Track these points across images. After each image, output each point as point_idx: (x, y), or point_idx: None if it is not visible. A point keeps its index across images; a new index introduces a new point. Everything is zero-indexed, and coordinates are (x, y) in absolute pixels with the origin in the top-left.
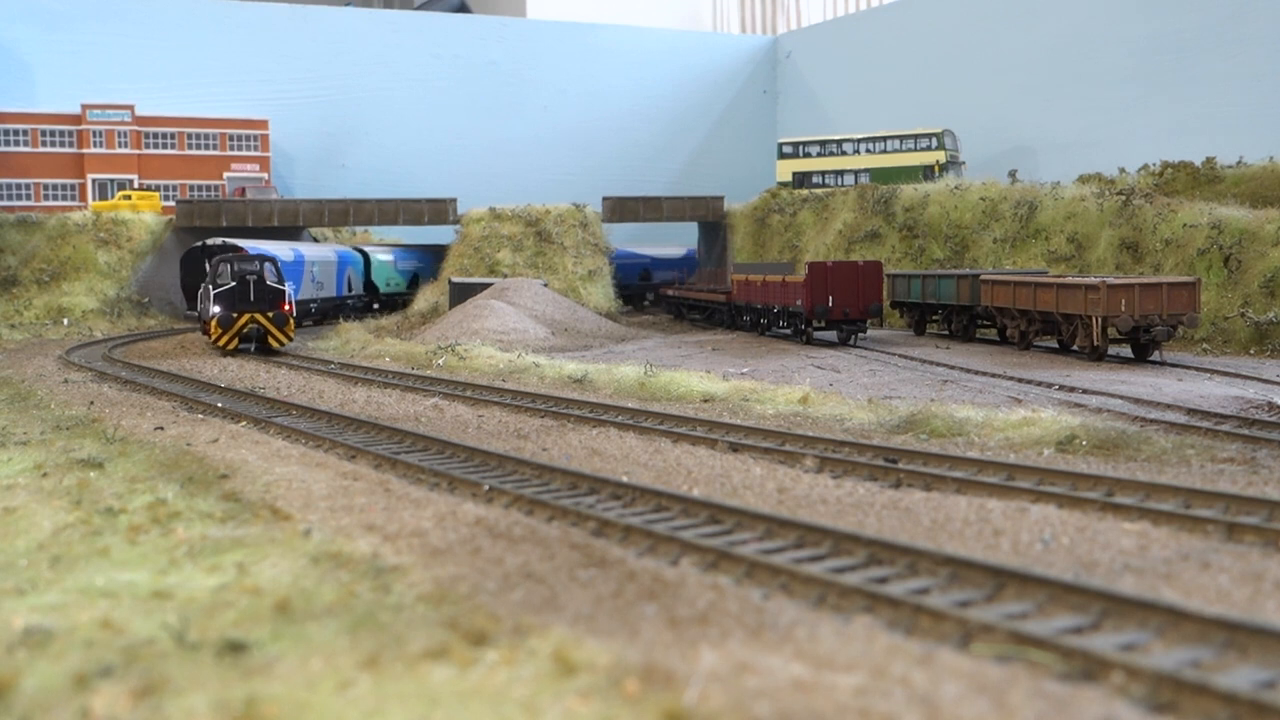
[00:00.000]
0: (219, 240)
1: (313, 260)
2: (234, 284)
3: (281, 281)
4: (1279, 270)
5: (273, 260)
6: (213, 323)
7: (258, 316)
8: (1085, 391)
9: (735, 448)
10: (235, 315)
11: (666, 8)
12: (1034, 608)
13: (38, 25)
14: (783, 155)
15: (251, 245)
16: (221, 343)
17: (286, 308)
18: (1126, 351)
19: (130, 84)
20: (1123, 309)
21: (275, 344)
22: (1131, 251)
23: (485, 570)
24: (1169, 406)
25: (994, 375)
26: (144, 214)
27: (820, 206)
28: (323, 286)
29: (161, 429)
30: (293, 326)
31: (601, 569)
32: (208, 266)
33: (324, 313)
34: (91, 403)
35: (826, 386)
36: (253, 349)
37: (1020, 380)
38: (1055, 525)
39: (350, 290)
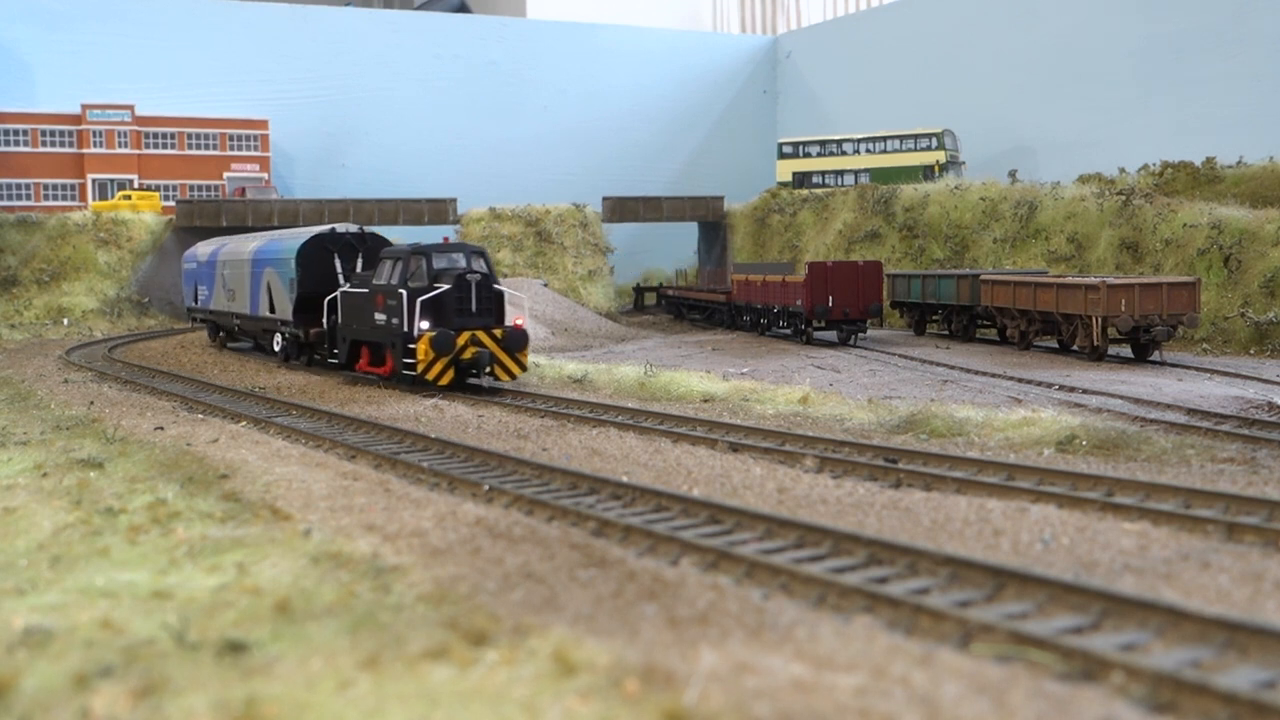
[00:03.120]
0: (347, 227)
1: None
2: (448, 287)
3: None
4: (1279, 270)
5: (482, 252)
6: (422, 346)
7: (482, 335)
8: (1085, 391)
9: (735, 448)
10: (454, 334)
11: (666, 8)
12: (1034, 608)
13: (38, 25)
14: (783, 155)
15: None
16: (432, 375)
17: (521, 322)
18: (1126, 351)
19: (130, 84)
20: (1123, 309)
21: (505, 376)
22: (1131, 251)
23: (485, 570)
24: (1169, 406)
25: (994, 375)
26: (144, 214)
27: (820, 206)
28: None
29: (161, 429)
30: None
31: (601, 569)
32: (351, 262)
33: None
34: (91, 403)
35: (826, 386)
36: (483, 380)
37: (1020, 380)
38: (1055, 525)
39: None
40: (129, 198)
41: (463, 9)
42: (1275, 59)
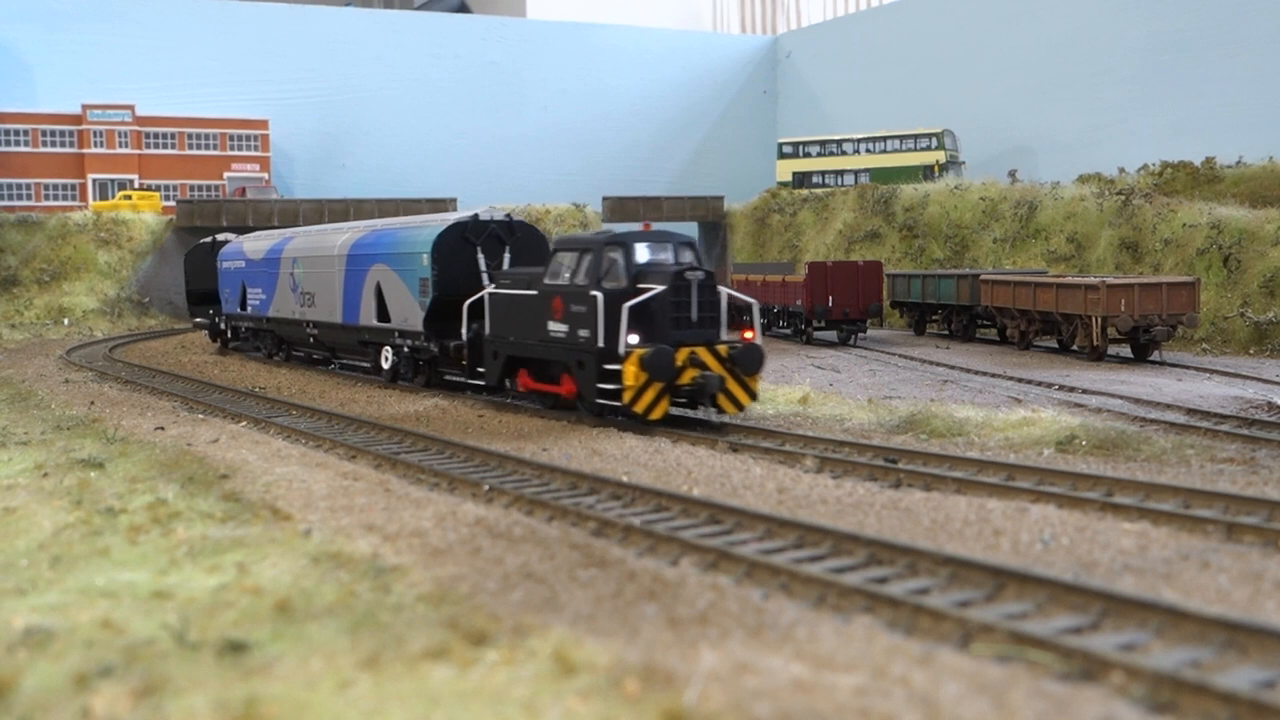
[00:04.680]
0: (491, 213)
1: None
2: (662, 289)
3: None
4: (1278, 270)
5: (692, 243)
6: (630, 368)
7: (704, 353)
8: (1085, 391)
9: (735, 448)
10: (673, 352)
11: (666, 8)
12: (1034, 608)
13: (38, 25)
14: (783, 155)
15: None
16: (641, 405)
17: (751, 334)
18: (1126, 351)
19: (131, 84)
20: (1122, 309)
21: (732, 408)
22: (1131, 251)
23: (485, 570)
24: (1168, 406)
25: (994, 375)
26: (144, 214)
27: (820, 206)
28: None
29: (162, 429)
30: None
31: (601, 569)
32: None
33: None
34: (92, 403)
35: (826, 386)
36: (708, 413)
37: (1020, 380)
38: (1055, 525)
39: None
40: (129, 198)
41: (462, 9)
42: (1275, 59)
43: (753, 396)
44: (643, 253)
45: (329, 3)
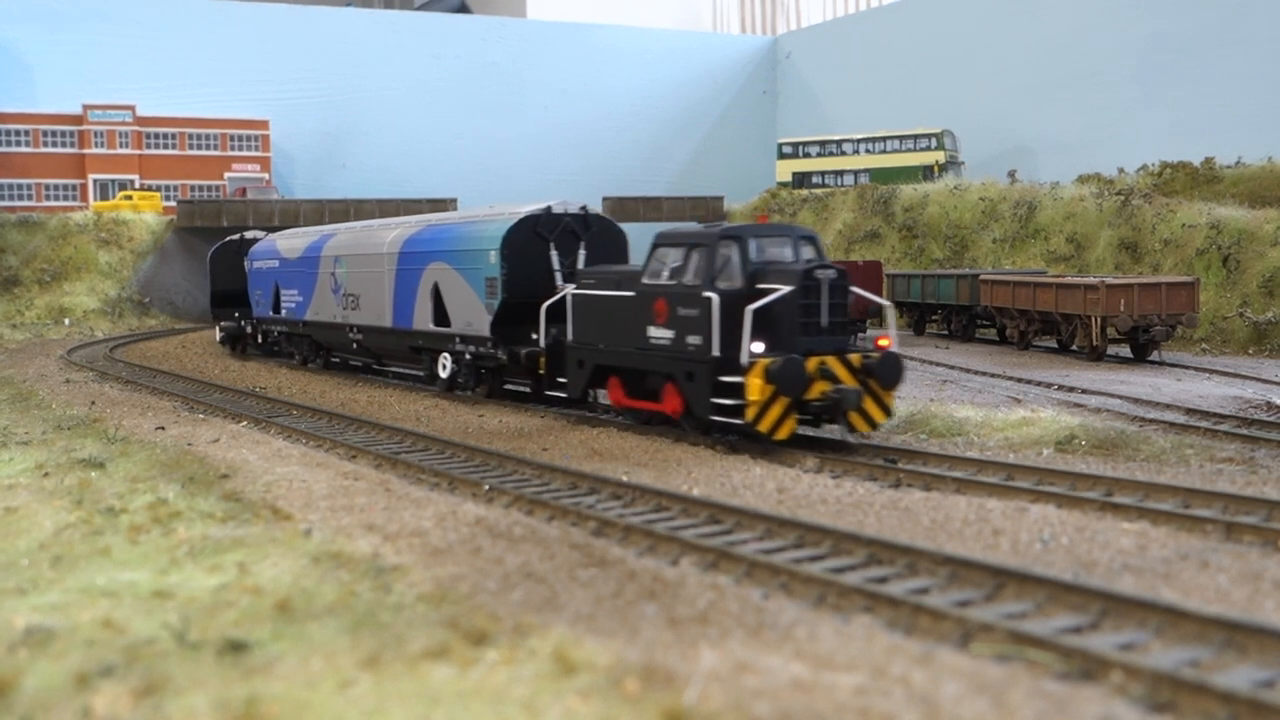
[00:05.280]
0: (566, 205)
1: None
2: (789, 291)
3: None
4: (1277, 270)
5: (813, 238)
6: (755, 380)
7: (835, 363)
8: (1084, 391)
9: (735, 447)
10: (804, 362)
11: (666, 8)
12: (1033, 607)
13: (39, 25)
14: (783, 155)
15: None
16: (766, 424)
17: (886, 341)
18: (1125, 351)
19: (131, 84)
20: (1121, 309)
21: (864, 426)
22: (1130, 251)
23: (485, 570)
24: (1168, 406)
25: (993, 375)
26: (145, 214)
27: (820, 206)
28: None
29: (162, 429)
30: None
31: (602, 569)
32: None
33: None
34: (93, 403)
35: None
36: (845, 433)
37: (1019, 380)
38: (1054, 525)
39: None
40: (130, 198)
41: (463, 9)
42: (1274, 59)
43: (887, 413)
44: (758, 248)
45: (329, 3)
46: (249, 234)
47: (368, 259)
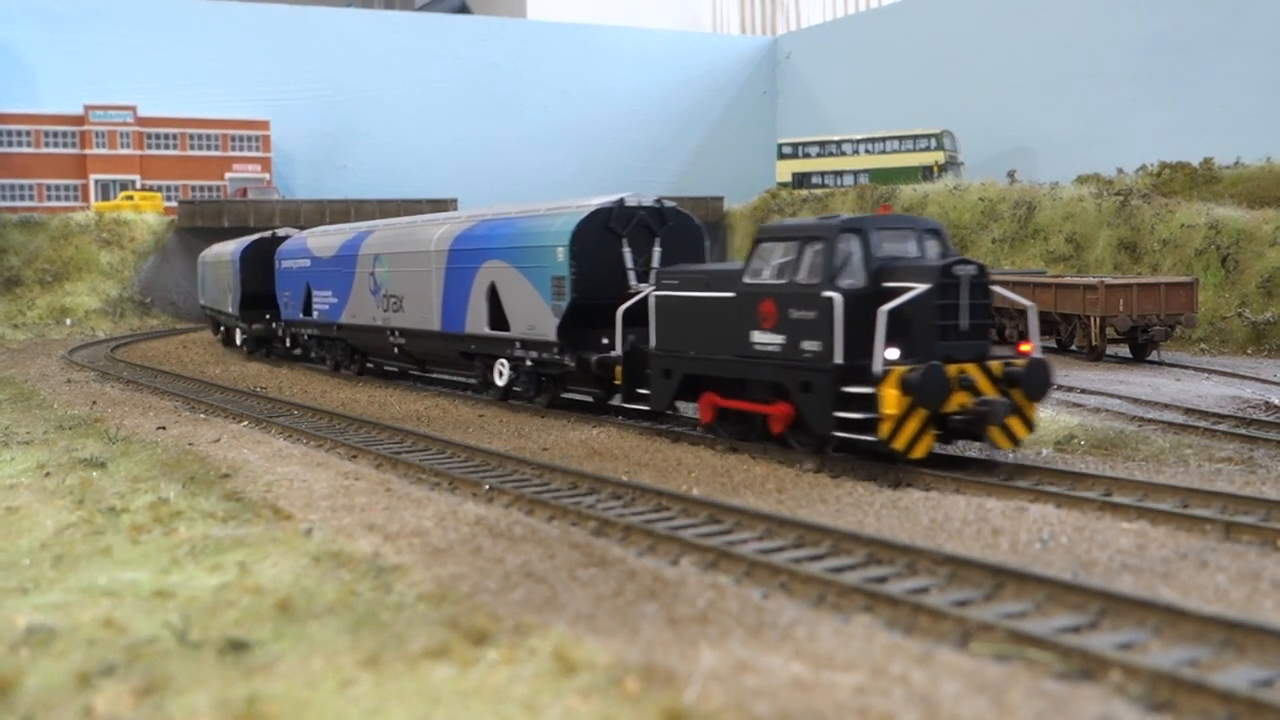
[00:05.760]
0: (639, 198)
1: None
2: (925, 289)
3: None
4: (1276, 270)
5: (938, 231)
6: (890, 392)
7: (975, 372)
8: (1083, 391)
9: (735, 447)
10: (944, 370)
11: (666, 9)
12: (1032, 607)
13: (40, 26)
14: (782, 156)
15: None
16: (902, 441)
17: (1029, 347)
18: (1124, 351)
19: (132, 85)
20: (1121, 309)
21: (1005, 443)
22: (1129, 251)
23: (486, 569)
24: (1167, 406)
25: None
26: (146, 214)
27: (820, 207)
28: None
29: (163, 429)
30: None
31: (602, 568)
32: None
33: None
34: (94, 402)
35: None
36: (991, 450)
37: None
38: (1054, 524)
39: None
40: (131, 198)
41: (463, 10)
42: (1274, 59)
43: (1030, 427)
44: (880, 242)
45: (330, 4)
46: (281, 231)
47: (412, 257)
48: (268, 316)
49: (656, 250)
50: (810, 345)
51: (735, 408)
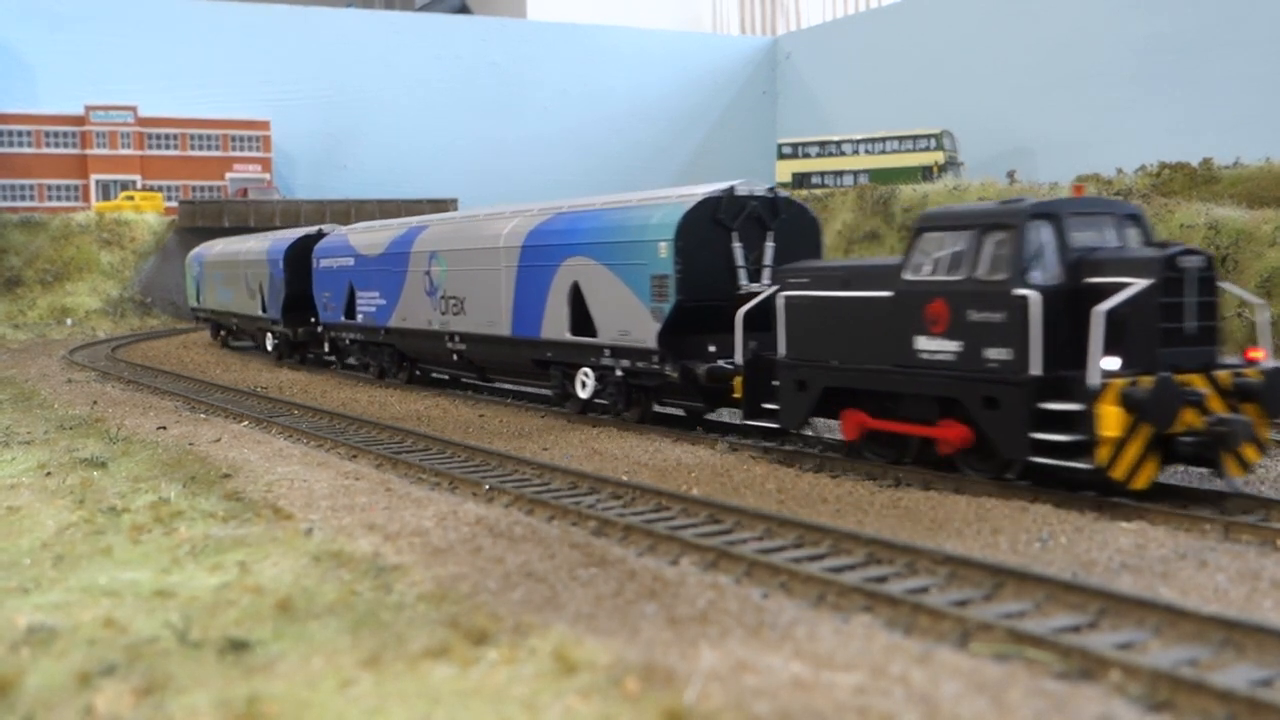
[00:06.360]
0: (751, 186)
1: None
2: (1148, 285)
3: None
4: (1276, 270)
5: (1137, 216)
6: (1109, 409)
7: (1202, 384)
8: None
9: (735, 447)
10: (1176, 383)
11: (666, 9)
12: (1032, 606)
13: (41, 26)
14: (782, 156)
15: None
16: (1121, 469)
17: (1261, 353)
18: None
19: (133, 85)
20: None
21: (1237, 469)
22: None
23: (486, 569)
24: None
25: None
26: (147, 214)
27: (819, 207)
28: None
29: (164, 429)
30: None
31: (602, 568)
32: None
33: None
34: (94, 402)
35: None
36: (1230, 479)
37: None
38: (1053, 524)
39: None
40: (132, 198)
41: (463, 10)
42: (1273, 59)
43: (1264, 450)
44: (1076, 230)
45: (330, 4)
46: (325, 227)
47: (477, 254)
48: (312, 320)
49: (769, 245)
50: (997, 353)
51: (889, 429)
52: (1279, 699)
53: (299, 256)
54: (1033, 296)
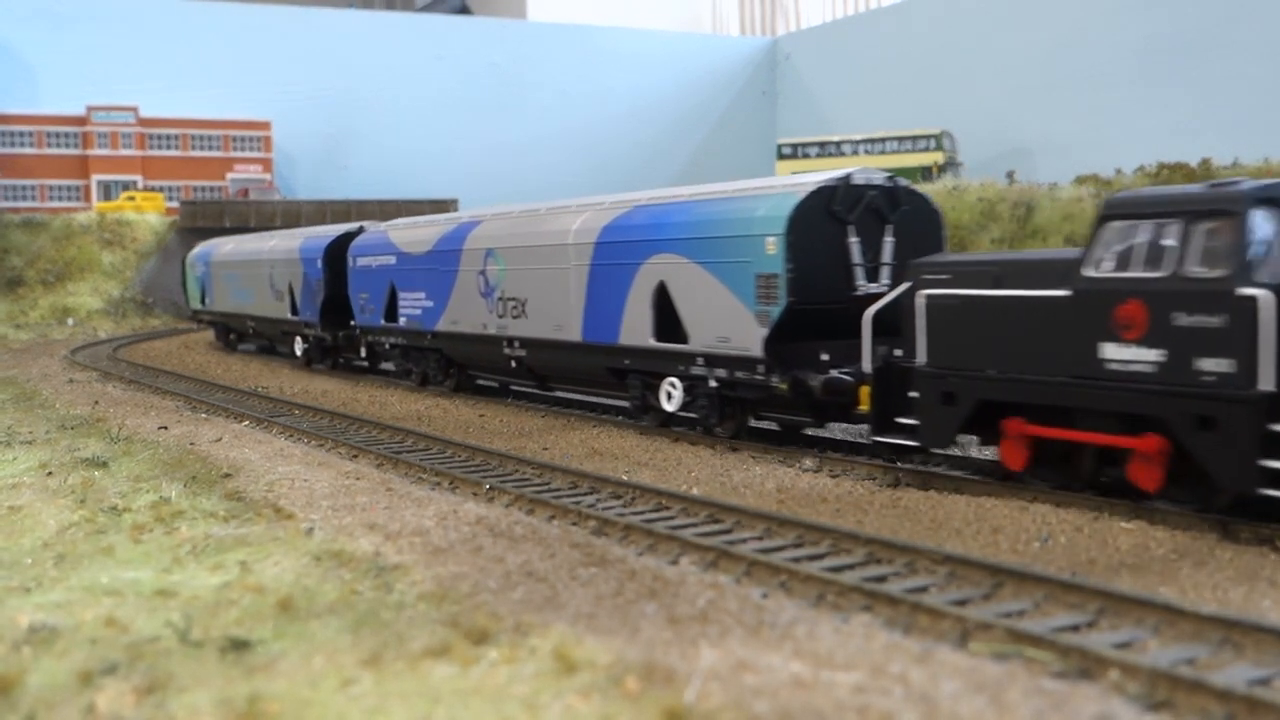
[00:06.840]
0: (868, 173)
1: None
2: None
3: None
4: None
5: None
6: None
7: None
8: None
9: (735, 447)
10: None
11: (666, 10)
12: (1032, 606)
13: (42, 27)
14: (782, 156)
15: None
16: None
17: None
18: None
19: (134, 86)
20: None
21: None
22: None
23: (486, 569)
24: None
25: None
26: (148, 215)
27: None
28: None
29: (165, 428)
30: None
31: (602, 568)
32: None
33: None
34: (96, 402)
35: None
36: None
37: None
38: (1053, 524)
39: None
40: (133, 198)
41: (463, 11)
42: (1273, 60)
43: None
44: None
45: (331, 5)
46: (365, 224)
47: (541, 252)
48: (352, 323)
49: (888, 240)
50: (1214, 364)
51: (1071, 437)
52: (1277, 698)
53: (339, 255)
54: (1263, 297)
